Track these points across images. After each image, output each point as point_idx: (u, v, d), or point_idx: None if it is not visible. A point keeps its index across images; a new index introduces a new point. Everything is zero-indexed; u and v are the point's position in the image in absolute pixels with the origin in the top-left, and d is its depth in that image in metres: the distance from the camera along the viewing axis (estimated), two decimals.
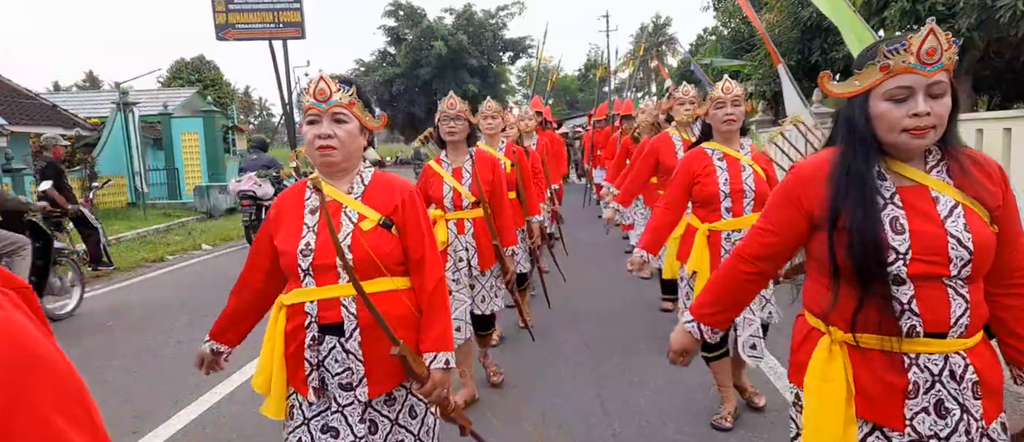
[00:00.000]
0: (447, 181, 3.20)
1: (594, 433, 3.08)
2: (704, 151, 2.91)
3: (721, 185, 2.83)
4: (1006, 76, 11.39)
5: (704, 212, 2.90)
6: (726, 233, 2.84)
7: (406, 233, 1.71)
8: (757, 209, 2.75)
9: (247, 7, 16.87)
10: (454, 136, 3.16)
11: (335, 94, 1.63)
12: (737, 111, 2.82)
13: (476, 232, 3.21)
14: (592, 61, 37.64)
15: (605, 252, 7.59)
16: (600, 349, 4.28)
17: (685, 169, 2.91)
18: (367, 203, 1.70)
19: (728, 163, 2.86)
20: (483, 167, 3.22)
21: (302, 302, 1.65)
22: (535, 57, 13.23)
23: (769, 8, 12.48)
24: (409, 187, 1.76)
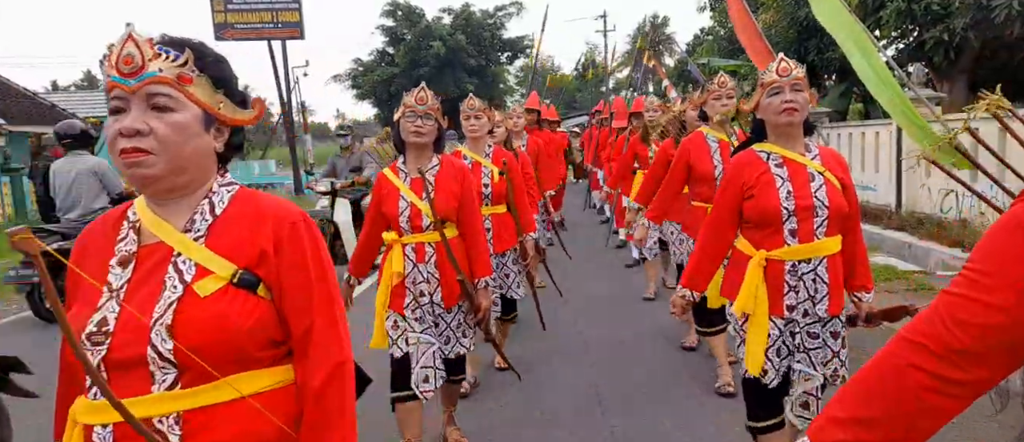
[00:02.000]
0: (404, 195, 2.57)
1: (592, 429, 3.11)
2: (757, 155, 2.20)
3: (783, 200, 2.12)
4: (1001, 76, 11.42)
5: (759, 235, 2.18)
6: (790, 264, 2.14)
7: (284, 293, 1.08)
8: (833, 232, 2.13)
9: (246, 7, 16.89)
10: (420, 138, 2.54)
11: (152, 63, 1.00)
12: (799, 99, 2.09)
13: (439, 260, 2.58)
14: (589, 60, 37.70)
15: (601, 249, 7.63)
16: (597, 346, 4.31)
17: (733, 179, 2.22)
18: (215, 246, 1.05)
19: (790, 171, 2.15)
20: (447, 177, 2.58)
21: (91, 425, 1.00)
22: (531, 51, 13.07)
23: (766, 8, 12.52)
24: (291, 215, 1.11)
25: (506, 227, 3.42)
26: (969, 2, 9.35)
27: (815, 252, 2.14)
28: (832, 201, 2.13)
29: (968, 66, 10.85)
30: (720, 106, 3.23)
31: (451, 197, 2.58)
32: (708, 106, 3.33)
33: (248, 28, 16.99)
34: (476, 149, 3.46)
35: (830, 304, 2.16)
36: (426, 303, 2.62)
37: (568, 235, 8.66)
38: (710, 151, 3.30)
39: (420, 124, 2.55)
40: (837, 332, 2.22)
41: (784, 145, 2.19)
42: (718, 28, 16.88)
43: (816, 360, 2.21)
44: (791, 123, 2.15)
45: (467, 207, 2.64)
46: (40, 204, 7.20)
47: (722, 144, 3.26)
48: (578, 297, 5.54)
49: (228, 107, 1.09)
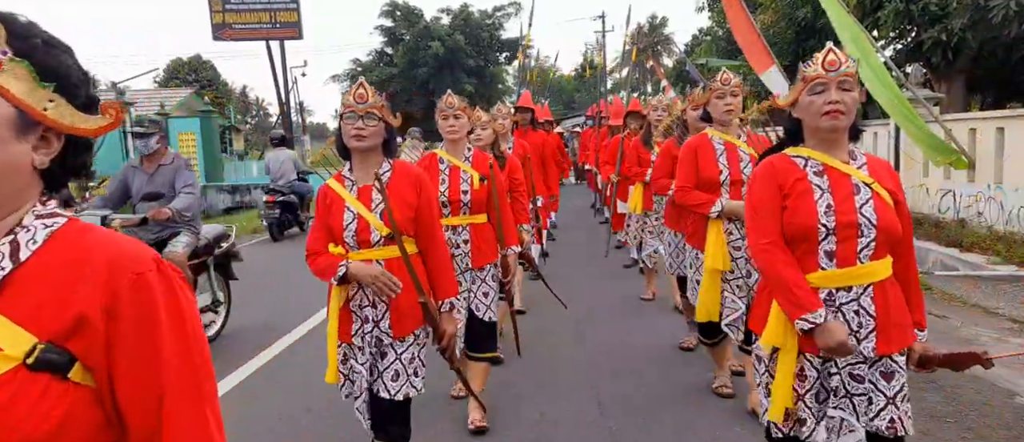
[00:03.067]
0: (350, 206, 2.24)
1: (591, 431, 3.11)
2: (791, 160, 1.86)
3: (821, 215, 1.77)
4: (999, 76, 11.47)
5: (803, 245, 1.83)
6: (825, 293, 1.80)
7: (118, 378, 0.76)
8: (880, 255, 1.78)
9: (244, 7, 16.88)
10: (362, 142, 2.19)
11: None
12: (847, 99, 1.76)
13: None
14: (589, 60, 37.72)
15: (600, 251, 7.63)
16: (596, 347, 4.31)
17: (767, 185, 1.86)
18: (8, 308, 0.73)
19: (832, 181, 1.80)
20: (401, 185, 2.26)
21: None
22: (529, 52, 12.77)
23: (764, 9, 12.54)
24: (136, 263, 0.78)
25: (486, 239, 3.09)
26: (967, 2, 9.37)
27: (857, 279, 1.77)
28: (881, 218, 1.76)
29: (966, 66, 10.87)
30: (723, 106, 3.03)
31: (406, 207, 2.23)
32: (711, 106, 3.09)
33: (246, 28, 16.98)
34: (455, 152, 3.11)
35: (878, 341, 1.77)
36: (370, 331, 2.24)
37: (566, 239, 8.65)
38: (715, 154, 3.02)
39: (361, 126, 2.17)
40: (891, 372, 1.80)
41: (824, 151, 1.83)
42: (716, 28, 16.90)
43: (859, 408, 1.80)
44: (835, 128, 1.78)
45: (426, 219, 2.28)
46: None
47: (728, 146, 3.03)
48: (576, 297, 5.54)
49: (62, 109, 0.78)
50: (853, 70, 1.79)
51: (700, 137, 3.14)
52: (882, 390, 1.80)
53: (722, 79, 3.02)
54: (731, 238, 2.98)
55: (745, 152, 3.01)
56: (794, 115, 1.89)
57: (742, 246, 2.92)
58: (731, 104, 3.00)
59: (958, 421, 3.04)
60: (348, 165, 2.33)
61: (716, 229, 2.98)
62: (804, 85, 1.82)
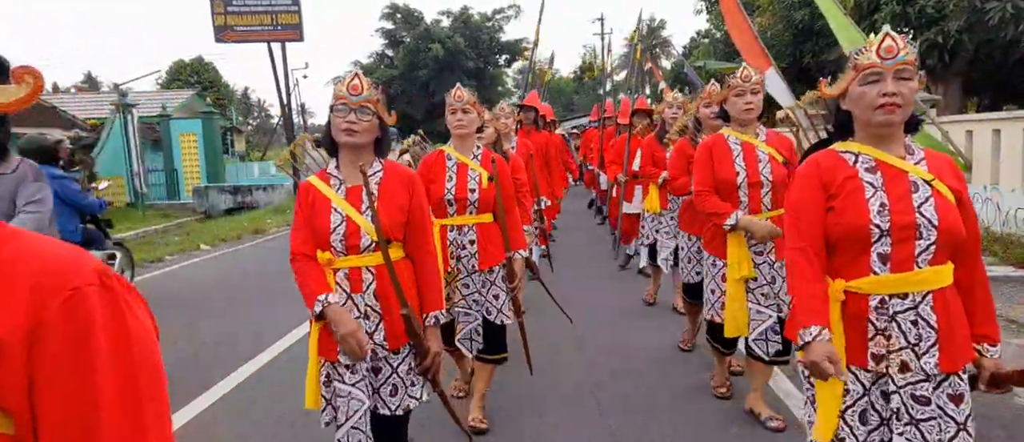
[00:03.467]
0: (337, 207, 2.03)
1: (590, 430, 3.13)
2: (839, 156, 1.69)
3: (873, 215, 1.59)
4: (996, 78, 11.52)
5: (838, 260, 1.66)
6: (878, 299, 1.61)
7: (43, 419, 0.60)
8: (941, 259, 1.59)
9: (246, 9, 16.93)
10: (354, 137, 1.99)
11: None
12: (904, 91, 1.57)
13: (380, 288, 2.04)
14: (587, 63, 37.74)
15: (601, 252, 7.66)
16: (595, 347, 4.34)
17: (811, 178, 1.68)
18: None
19: (886, 178, 1.63)
20: (393, 186, 2.07)
21: None
22: (530, 44, 12.69)
23: (761, 11, 12.59)
24: (74, 277, 0.64)
25: (494, 240, 2.95)
26: (963, 5, 9.42)
27: (915, 285, 1.57)
28: (943, 219, 1.56)
29: (962, 68, 10.92)
30: (743, 104, 2.83)
31: (397, 210, 2.05)
32: (729, 104, 2.89)
33: (248, 30, 17.03)
34: (463, 148, 2.98)
35: (942, 357, 1.57)
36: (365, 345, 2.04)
37: (566, 240, 8.66)
38: (732, 155, 2.87)
39: (354, 120, 1.98)
40: (960, 394, 1.60)
41: (877, 145, 1.65)
42: (714, 30, 16.95)
43: (929, 436, 1.58)
44: (889, 123, 1.59)
45: (417, 223, 2.10)
46: None
47: (746, 147, 2.87)
48: (576, 297, 5.57)
49: None
50: (912, 57, 1.57)
51: (715, 137, 2.97)
52: (951, 415, 1.58)
53: (742, 76, 2.81)
54: (752, 244, 2.85)
55: (764, 152, 2.85)
56: (843, 107, 1.68)
57: (763, 250, 2.85)
58: (751, 103, 2.81)
59: None
60: (334, 162, 2.10)
61: (736, 234, 2.86)
62: (855, 74, 1.62)
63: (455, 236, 2.96)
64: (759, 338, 2.86)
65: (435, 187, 2.94)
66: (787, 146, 2.92)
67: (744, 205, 2.85)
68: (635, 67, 8.22)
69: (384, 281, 2.02)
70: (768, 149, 2.86)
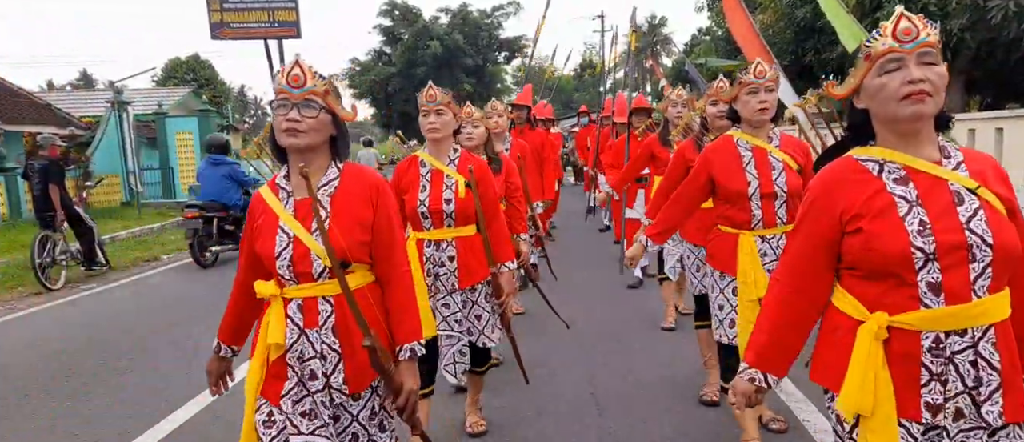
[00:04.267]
0: (284, 226, 1.69)
1: (588, 429, 3.10)
2: (861, 165, 1.40)
3: (913, 236, 1.31)
4: (998, 77, 11.49)
5: (876, 290, 1.36)
6: (932, 338, 1.32)
7: None
8: (999, 284, 1.33)
9: (242, 6, 16.84)
10: (298, 138, 1.64)
11: None
12: (932, 76, 1.31)
13: (340, 323, 1.69)
14: (587, 60, 37.72)
15: (598, 252, 7.62)
16: (594, 347, 4.30)
17: (822, 204, 1.41)
18: None
19: (922, 189, 1.34)
20: (351, 197, 1.72)
21: None
22: (529, 50, 12.57)
23: (763, 9, 12.54)
24: None
25: (476, 255, 2.69)
26: (966, 3, 9.37)
27: (975, 318, 1.30)
28: (997, 235, 1.30)
29: (964, 67, 10.88)
30: (757, 104, 2.46)
31: (357, 227, 1.69)
32: (740, 103, 2.52)
33: (244, 27, 16.93)
34: (438, 153, 2.71)
35: (1006, 403, 1.32)
36: (320, 390, 1.70)
37: (564, 242, 8.58)
38: (742, 162, 2.53)
39: (296, 118, 1.63)
40: None
41: (906, 149, 1.36)
42: (716, 28, 16.91)
43: None
44: (918, 116, 1.31)
45: (385, 241, 1.74)
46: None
47: (758, 152, 2.52)
48: (573, 297, 5.52)
49: None
50: (935, 38, 1.34)
51: (723, 141, 2.62)
52: None
53: (756, 72, 2.46)
54: (765, 260, 2.50)
55: (778, 159, 2.51)
56: (857, 106, 1.41)
57: (771, 259, 2.53)
58: (766, 102, 2.46)
59: None
60: (284, 169, 1.75)
61: (748, 247, 2.48)
62: (869, 65, 1.36)
63: (432, 252, 2.69)
64: None
65: (409, 198, 2.68)
66: (802, 151, 2.59)
67: (757, 219, 2.52)
68: (630, 57, 7.68)
69: (345, 313, 1.67)
70: (782, 156, 2.51)
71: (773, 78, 2.47)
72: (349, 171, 1.75)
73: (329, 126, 1.70)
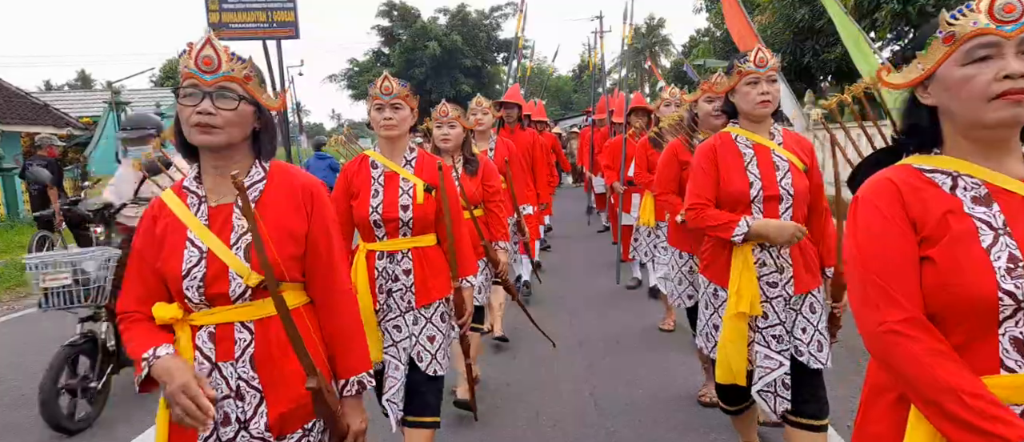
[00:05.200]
0: (196, 238, 1.41)
1: (588, 431, 3.09)
2: (926, 179, 1.10)
3: (1000, 276, 1.00)
4: None
5: (964, 328, 1.05)
6: (1019, 412, 1.01)
7: None
8: None
9: (240, 7, 16.83)
10: (210, 135, 1.37)
11: None
12: None
13: (261, 356, 1.42)
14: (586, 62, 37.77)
15: (599, 256, 7.61)
16: (594, 348, 4.30)
17: (891, 217, 1.08)
18: None
19: (1008, 213, 1.05)
20: (280, 202, 1.45)
21: None
22: (527, 51, 12.35)
23: (762, 10, 12.56)
24: None
25: (435, 269, 2.33)
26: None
27: None
28: None
29: None
30: (758, 95, 2.17)
31: (288, 239, 1.42)
32: (739, 95, 2.23)
33: (243, 28, 16.93)
34: (391, 153, 2.36)
35: None
36: (231, 438, 1.40)
37: (563, 244, 8.51)
38: (742, 160, 2.23)
39: (208, 110, 1.33)
40: None
41: (985, 162, 1.07)
42: (714, 29, 16.94)
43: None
44: (1017, 120, 1.03)
45: (322, 255, 1.46)
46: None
47: (759, 150, 2.23)
48: (573, 297, 5.52)
49: None
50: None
51: (721, 137, 2.32)
52: None
53: (757, 59, 2.16)
54: (765, 271, 2.20)
55: (782, 158, 2.22)
56: (923, 101, 1.12)
57: (780, 281, 2.20)
58: (768, 94, 2.18)
59: None
60: (195, 170, 1.46)
61: (743, 258, 2.20)
62: (951, 50, 1.05)
63: (385, 265, 2.30)
64: (765, 390, 2.22)
65: (358, 204, 2.31)
66: (806, 149, 2.30)
67: None
68: (625, 50, 7.49)
69: (268, 343, 1.40)
70: (787, 154, 2.22)
71: (776, 67, 2.19)
72: (277, 172, 1.47)
73: (251, 119, 1.41)
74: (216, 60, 1.35)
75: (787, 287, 2.20)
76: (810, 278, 2.23)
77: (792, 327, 2.23)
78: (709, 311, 2.39)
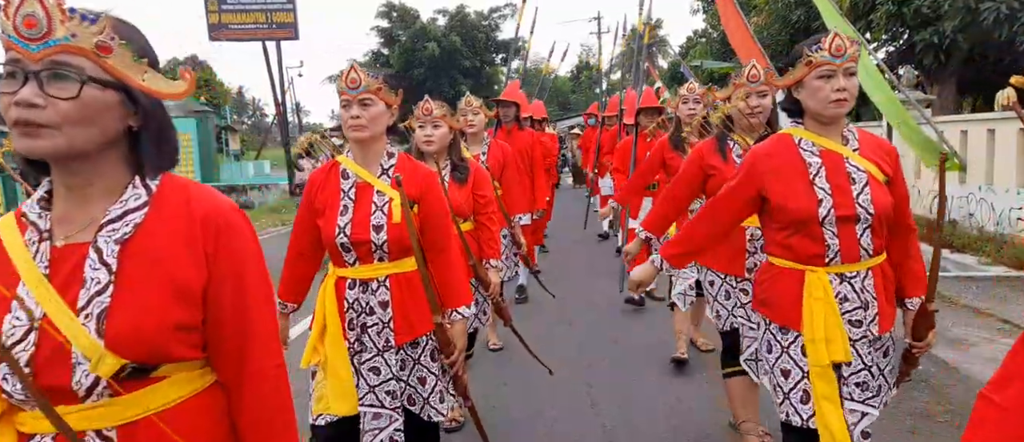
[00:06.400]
0: (28, 298, 0.90)
1: (585, 430, 3.13)
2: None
3: None
4: (990, 78, 11.56)
5: None
6: None
7: None
8: None
9: (240, 8, 16.86)
10: (39, 139, 0.86)
11: None
12: None
13: None
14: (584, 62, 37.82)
15: (598, 256, 7.64)
16: (591, 349, 4.33)
17: None
18: None
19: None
20: (160, 243, 0.94)
21: None
22: (524, 52, 12.12)
23: (758, 11, 12.61)
24: None
25: (418, 299, 1.91)
26: (958, 5, 9.44)
27: None
28: None
29: (957, 68, 10.96)
30: (832, 92, 1.73)
31: (169, 301, 0.94)
32: (806, 90, 1.78)
33: (242, 29, 16.96)
34: (364, 159, 1.93)
35: None
36: None
37: (562, 251, 8.27)
38: (807, 172, 1.79)
39: (32, 101, 0.85)
40: None
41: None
42: (711, 30, 16.99)
43: None
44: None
45: (232, 321, 0.99)
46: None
47: (829, 158, 1.79)
48: (571, 296, 5.56)
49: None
50: None
51: (780, 141, 1.87)
52: None
53: (833, 47, 1.71)
54: (848, 307, 1.78)
55: (859, 168, 1.77)
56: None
57: (864, 320, 1.78)
58: (846, 91, 1.72)
59: (948, 420, 3.09)
60: (44, 188, 0.97)
61: (822, 293, 1.75)
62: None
63: (358, 295, 1.91)
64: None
65: (325, 223, 1.90)
66: (889, 156, 1.84)
67: (833, 251, 1.77)
68: (636, 43, 6.46)
69: None
70: (865, 164, 1.78)
71: (855, 57, 1.73)
72: (167, 195, 0.97)
73: (113, 113, 0.91)
74: (43, 22, 0.84)
75: (872, 326, 1.80)
76: (892, 312, 1.86)
77: (877, 372, 1.83)
78: (774, 354, 1.89)
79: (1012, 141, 6.75)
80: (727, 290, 2.61)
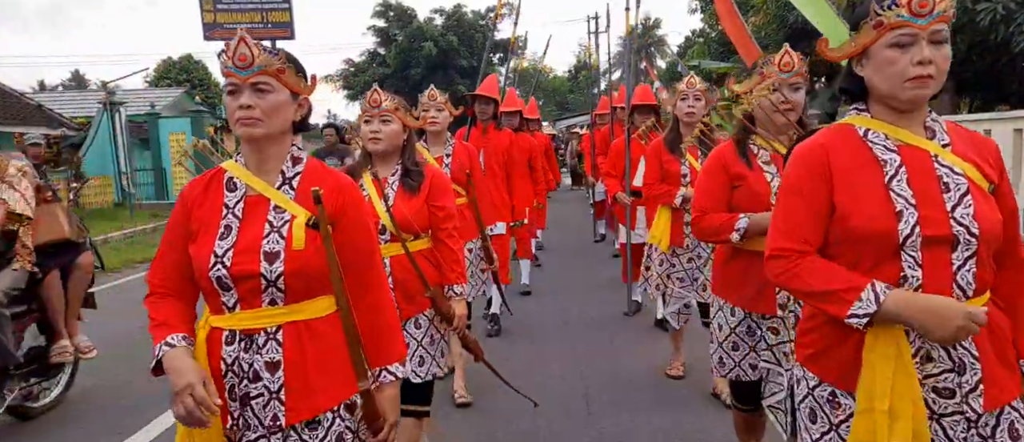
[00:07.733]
0: None
1: (581, 430, 3.11)
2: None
3: None
4: (987, 79, 11.59)
5: None
6: None
7: None
8: None
9: (235, 7, 16.81)
10: None
11: None
12: None
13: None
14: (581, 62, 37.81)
15: (593, 257, 7.63)
16: (587, 349, 4.31)
17: None
18: None
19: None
20: None
21: None
22: (521, 51, 11.95)
23: (755, 11, 12.61)
24: None
25: (329, 361, 1.45)
26: (954, 6, 9.47)
27: None
28: None
29: (954, 69, 10.96)
30: (911, 66, 1.26)
31: None
32: (872, 64, 1.32)
33: (237, 28, 16.93)
34: (259, 165, 1.46)
35: None
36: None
37: (558, 255, 8.07)
38: (882, 174, 1.29)
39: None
40: None
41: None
42: (709, 30, 17.00)
43: None
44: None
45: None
46: None
47: (913, 157, 1.30)
48: (566, 299, 5.54)
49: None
50: None
51: (839, 133, 1.36)
52: None
53: (914, 5, 1.23)
54: (933, 370, 1.28)
55: (954, 170, 1.29)
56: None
57: (958, 388, 1.27)
58: (931, 63, 1.25)
59: None
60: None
61: (892, 346, 1.25)
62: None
63: (238, 355, 1.40)
64: None
65: (197, 249, 1.41)
66: (991, 154, 1.35)
67: (914, 286, 1.26)
68: (628, 44, 6.12)
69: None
70: (962, 165, 1.30)
71: (947, 16, 1.28)
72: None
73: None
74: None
75: (972, 399, 1.27)
76: (1008, 377, 1.30)
77: None
78: (820, 427, 1.36)
79: (1009, 142, 6.73)
80: (735, 342, 2.12)
